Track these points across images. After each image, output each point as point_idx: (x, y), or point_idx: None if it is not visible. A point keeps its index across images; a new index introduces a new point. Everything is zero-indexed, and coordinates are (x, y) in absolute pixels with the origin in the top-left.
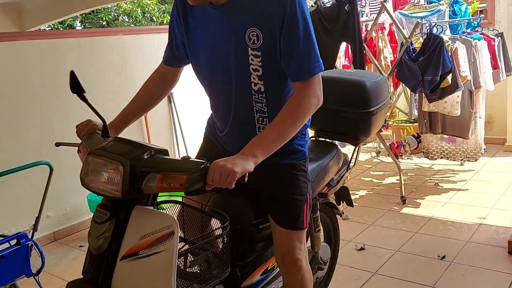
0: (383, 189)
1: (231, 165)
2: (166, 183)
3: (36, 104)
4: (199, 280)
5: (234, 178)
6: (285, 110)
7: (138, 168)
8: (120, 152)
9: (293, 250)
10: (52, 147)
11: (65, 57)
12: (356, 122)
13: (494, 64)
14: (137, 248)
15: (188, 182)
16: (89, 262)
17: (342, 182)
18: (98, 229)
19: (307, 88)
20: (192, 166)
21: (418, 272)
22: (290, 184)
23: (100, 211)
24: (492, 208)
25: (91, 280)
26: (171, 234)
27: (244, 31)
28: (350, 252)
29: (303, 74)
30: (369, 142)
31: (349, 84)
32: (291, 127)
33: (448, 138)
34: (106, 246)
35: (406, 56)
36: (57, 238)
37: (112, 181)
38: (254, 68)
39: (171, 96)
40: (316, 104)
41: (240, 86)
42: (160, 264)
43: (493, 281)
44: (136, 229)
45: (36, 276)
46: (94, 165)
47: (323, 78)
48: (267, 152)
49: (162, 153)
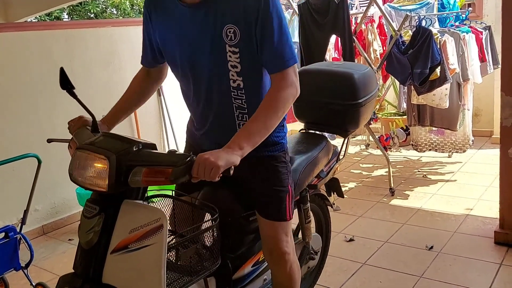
0: (372, 181)
1: (214, 158)
2: (152, 176)
3: (24, 97)
4: (189, 273)
5: (217, 171)
6: (265, 101)
7: (125, 162)
8: (107, 146)
9: (279, 243)
10: (40, 140)
11: (52, 49)
12: (345, 114)
13: (481, 57)
14: (127, 241)
15: (173, 175)
16: (80, 256)
17: (332, 174)
18: (88, 224)
19: (284, 79)
20: (178, 159)
21: (407, 263)
22: (271, 176)
23: (90, 206)
24: (479, 199)
25: (82, 274)
26: (160, 227)
27: (221, 28)
28: (340, 243)
29: (280, 66)
30: (359, 135)
31: (337, 76)
32: (274, 117)
33: (437, 131)
34: (96, 240)
35: (395, 49)
36: (46, 232)
37: (99, 175)
38: (232, 65)
39: (160, 89)
40: (294, 94)
41: (219, 83)
42: (150, 257)
43: (480, 270)
44: (125, 223)
45: (25, 269)
46: (82, 159)
47: (312, 71)
48: (253, 143)
49: (150, 147)
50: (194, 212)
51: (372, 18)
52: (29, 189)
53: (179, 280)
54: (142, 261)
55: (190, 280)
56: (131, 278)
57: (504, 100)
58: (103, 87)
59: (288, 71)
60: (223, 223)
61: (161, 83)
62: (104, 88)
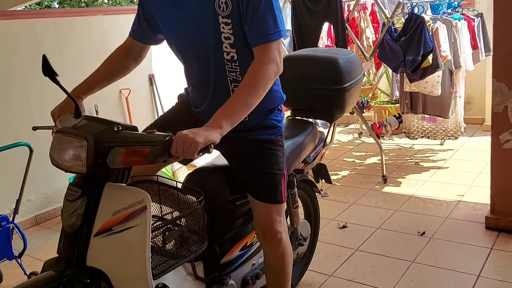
0: (365, 169)
1: (193, 135)
2: (130, 156)
3: (14, 86)
4: (175, 256)
5: (196, 148)
6: (246, 78)
7: (102, 143)
8: (85, 128)
9: (273, 223)
10: (31, 129)
11: (42, 38)
12: (330, 99)
13: (473, 45)
14: (110, 224)
15: (151, 154)
16: (64, 240)
17: (319, 159)
18: (70, 207)
19: (265, 54)
20: (156, 139)
21: (399, 248)
22: (269, 159)
23: (72, 189)
24: (470, 186)
25: (66, 258)
26: (143, 209)
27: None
28: (333, 230)
29: (261, 39)
30: (352, 124)
31: (321, 62)
32: (254, 94)
33: (429, 118)
34: (79, 223)
35: (388, 36)
36: (39, 222)
37: (77, 157)
38: (225, 37)
39: (152, 78)
40: (276, 70)
41: (214, 55)
42: (134, 239)
43: (471, 255)
44: (108, 206)
45: (19, 258)
46: (61, 142)
47: (297, 57)
48: (233, 121)
49: (131, 129)
50: (180, 197)
51: (365, 5)
52: (21, 179)
53: (165, 263)
54: (126, 243)
55: (176, 263)
56: (115, 260)
57: (495, 86)
58: None
59: (270, 46)
60: (210, 208)
61: (137, 64)
62: None
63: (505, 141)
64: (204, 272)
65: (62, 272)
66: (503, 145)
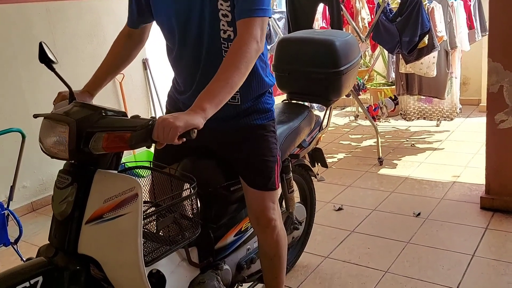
0: (361, 152)
1: (173, 119)
2: (112, 141)
3: (5, 72)
4: (169, 242)
5: (175, 132)
6: (227, 58)
7: (85, 128)
8: (70, 114)
9: (266, 210)
10: (24, 115)
11: (33, 22)
12: (327, 82)
13: (470, 25)
14: (101, 211)
15: (132, 139)
16: (55, 228)
17: (315, 143)
18: (60, 194)
19: (247, 29)
20: (138, 124)
21: (394, 229)
22: (261, 146)
23: (62, 176)
24: (466, 167)
25: (58, 245)
26: (135, 196)
27: None
28: (329, 212)
29: (245, 13)
30: (348, 107)
31: (318, 44)
32: (236, 73)
33: (425, 99)
34: (70, 211)
35: (383, 17)
36: (35, 208)
37: (60, 142)
38: (223, 14)
39: (146, 62)
40: (257, 48)
41: (209, 33)
42: (126, 227)
43: (466, 235)
44: (99, 193)
45: (15, 245)
46: (47, 128)
47: (293, 39)
48: (216, 103)
49: (120, 115)
50: (173, 183)
51: None
52: (15, 165)
53: (158, 249)
54: (117, 231)
55: (169, 250)
56: (107, 248)
57: (491, 66)
58: (87, 61)
59: (253, 21)
60: (203, 194)
61: (142, 46)
62: (88, 62)
63: (500, 121)
64: (199, 258)
65: (51, 258)
66: (498, 125)
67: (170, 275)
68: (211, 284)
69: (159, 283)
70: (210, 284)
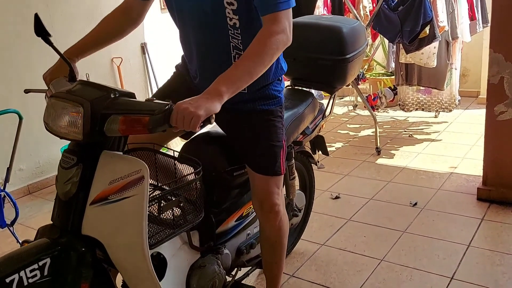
0: (359, 141)
1: (194, 108)
2: (129, 124)
3: (2, 53)
4: (172, 226)
5: (197, 121)
6: (252, 46)
7: (99, 110)
8: (81, 94)
9: (271, 195)
10: (20, 97)
11: (31, 4)
12: (332, 70)
13: (471, 15)
14: (107, 193)
15: (151, 123)
16: (58, 208)
17: (318, 131)
18: (65, 174)
19: (274, 23)
20: (156, 107)
21: (391, 218)
22: (268, 130)
23: (67, 156)
24: (463, 158)
25: (61, 226)
26: (141, 179)
27: None
28: (326, 200)
29: (270, 7)
30: (347, 96)
31: (325, 30)
32: (259, 64)
33: (424, 90)
34: (75, 191)
35: (385, 5)
36: (31, 191)
37: (73, 124)
38: (228, 2)
39: (145, 47)
40: (285, 40)
41: (216, 21)
42: (131, 209)
43: (462, 225)
44: (105, 174)
45: (11, 226)
46: (56, 108)
47: (300, 24)
48: (234, 90)
49: (128, 96)
50: (177, 166)
51: None
52: (12, 147)
53: (161, 232)
54: (122, 213)
55: (172, 233)
56: (111, 230)
57: (492, 57)
58: None
59: (280, 15)
60: (207, 178)
61: (136, 26)
62: None
63: (499, 113)
64: (200, 242)
65: (56, 239)
66: (498, 117)
67: (171, 258)
68: (211, 268)
69: (160, 266)
70: (210, 268)
